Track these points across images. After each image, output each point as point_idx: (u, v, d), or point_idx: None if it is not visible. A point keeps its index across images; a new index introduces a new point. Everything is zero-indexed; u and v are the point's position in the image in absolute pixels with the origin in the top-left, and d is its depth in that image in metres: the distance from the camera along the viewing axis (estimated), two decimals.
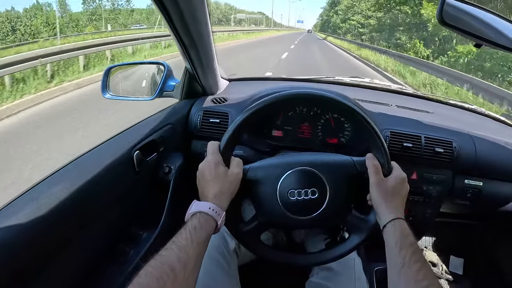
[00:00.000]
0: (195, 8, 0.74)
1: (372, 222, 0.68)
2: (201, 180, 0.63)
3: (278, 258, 0.72)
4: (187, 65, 1.00)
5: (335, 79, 1.49)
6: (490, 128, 1.17)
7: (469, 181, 1.01)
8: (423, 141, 0.95)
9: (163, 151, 0.95)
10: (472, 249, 1.48)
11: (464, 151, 0.97)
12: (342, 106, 0.69)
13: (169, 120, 0.99)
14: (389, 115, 1.03)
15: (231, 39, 19.16)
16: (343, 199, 0.69)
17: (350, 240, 0.70)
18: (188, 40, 0.84)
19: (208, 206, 0.58)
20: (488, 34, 0.73)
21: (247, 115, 0.67)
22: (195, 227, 0.54)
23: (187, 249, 0.50)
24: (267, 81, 1.49)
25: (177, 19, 0.74)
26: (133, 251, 0.83)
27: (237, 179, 0.65)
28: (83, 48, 7.20)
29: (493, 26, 0.73)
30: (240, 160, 0.68)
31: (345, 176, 0.69)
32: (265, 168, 0.70)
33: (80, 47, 7.10)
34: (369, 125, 0.67)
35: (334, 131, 1.00)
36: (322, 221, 0.68)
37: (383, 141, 0.67)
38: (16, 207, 0.56)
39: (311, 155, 0.75)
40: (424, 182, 1.00)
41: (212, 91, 1.15)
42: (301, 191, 0.66)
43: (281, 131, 1.01)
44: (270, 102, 0.68)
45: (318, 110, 0.99)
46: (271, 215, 0.68)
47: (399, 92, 1.45)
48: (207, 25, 0.84)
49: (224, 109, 1.02)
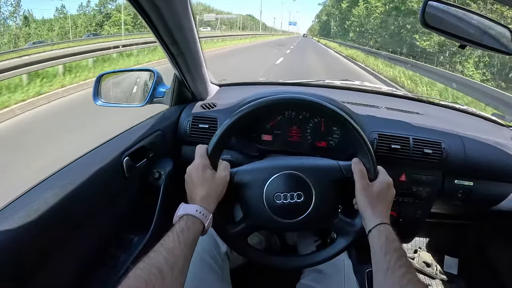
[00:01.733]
0: (179, 16, 0.75)
1: (359, 226, 0.69)
2: (189, 183, 0.65)
3: (265, 261, 0.74)
4: (175, 72, 1.02)
5: (325, 82, 1.51)
6: (481, 128, 1.18)
7: (459, 182, 1.02)
8: (411, 143, 0.96)
9: (153, 157, 0.96)
10: (466, 248, 1.49)
11: (453, 152, 0.98)
12: (328, 111, 0.70)
13: (159, 126, 1.00)
14: (377, 117, 1.04)
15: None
16: (329, 203, 0.70)
17: (337, 243, 0.71)
18: (174, 48, 0.86)
19: (195, 209, 0.59)
20: (472, 35, 0.74)
21: (234, 119, 0.68)
22: (182, 229, 0.55)
23: (175, 251, 0.51)
24: (257, 85, 1.50)
25: (162, 27, 0.76)
26: (124, 255, 0.85)
27: (224, 182, 0.66)
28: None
29: (476, 26, 0.74)
30: (227, 163, 0.69)
31: (331, 180, 0.70)
32: (252, 172, 0.71)
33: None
34: (354, 129, 0.68)
35: (323, 134, 1.01)
36: (308, 224, 0.69)
37: (369, 145, 0.68)
38: (8, 212, 0.57)
39: (297, 159, 0.76)
40: (413, 183, 1.01)
41: (201, 97, 1.16)
42: (287, 195, 0.67)
43: (270, 135, 1.02)
44: (257, 107, 0.69)
45: (306, 114, 1.00)
46: (258, 217, 0.69)
47: (389, 94, 1.46)
48: (193, 32, 0.85)
49: (213, 115, 1.03)
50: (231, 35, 27.45)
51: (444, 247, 1.53)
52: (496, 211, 1.06)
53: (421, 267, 1.45)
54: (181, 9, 0.74)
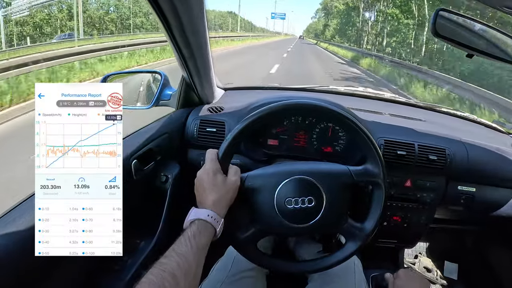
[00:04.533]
0: (196, 21, 0.76)
1: (368, 230, 0.71)
2: (199, 188, 0.65)
3: (275, 266, 0.75)
4: (184, 75, 1.02)
5: (329, 88, 1.53)
6: (482, 134, 1.21)
7: (462, 187, 1.04)
8: (417, 149, 0.98)
9: (160, 160, 0.96)
10: (467, 254, 1.51)
11: (457, 158, 1.00)
12: (339, 117, 0.72)
13: (166, 129, 1.01)
14: (382, 124, 1.06)
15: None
16: (339, 208, 0.71)
17: (346, 248, 0.73)
18: (187, 52, 0.87)
19: (207, 213, 0.60)
20: (480, 45, 0.77)
21: (246, 123, 0.69)
22: (194, 234, 0.56)
23: (187, 256, 0.52)
24: (263, 90, 1.52)
25: (178, 32, 0.76)
26: (130, 260, 0.84)
27: (235, 187, 0.67)
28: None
29: (485, 37, 0.77)
30: (238, 168, 0.70)
31: (341, 185, 0.71)
32: (263, 177, 0.72)
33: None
34: (364, 134, 0.70)
35: (329, 140, 1.03)
36: (318, 228, 0.71)
37: (378, 150, 0.70)
38: (14, 215, 0.57)
39: (308, 164, 0.78)
40: (418, 189, 1.03)
41: (208, 100, 1.17)
42: (298, 200, 0.68)
43: (276, 140, 1.04)
44: (269, 112, 0.70)
45: (313, 119, 1.02)
46: (269, 223, 0.70)
47: (392, 101, 1.49)
48: (205, 36, 0.86)
49: (221, 118, 1.04)
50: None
51: (444, 253, 1.56)
52: (497, 217, 1.08)
53: (421, 272, 1.49)
54: (197, 12, 0.75)
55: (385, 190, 0.73)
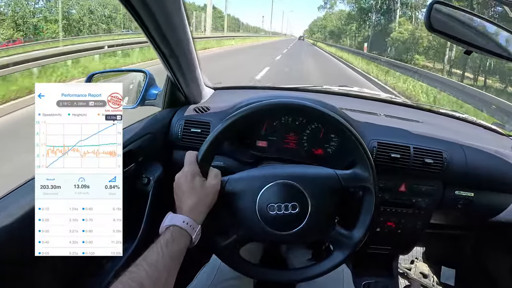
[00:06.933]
0: (171, 14, 0.75)
1: (356, 239, 0.70)
2: (178, 192, 0.65)
3: (259, 275, 0.75)
4: (168, 73, 1.02)
5: (323, 88, 1.55)
6: (482, 137, 1.21)
7: (459, 192, 1.04)
8: (412, 152, 0.98)
9: (142, 161, 0.96)
10: (464, 259, 1.54)
11: (455, 162, 0.99)
12: (326, 117, 0.72)
13: (149, 130, 1.01)
14: (377, 125, 1.06)
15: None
16: (326, 214, 0.71)
17: (333, 257, 0.72)
18: (166, 49, 0.86)
19: (182, 220, 0.60)
20: (478, 40, 0.75)
21: (227, 124, 0.69)
22: (167, 242, 0.56)
23: (158, 265, 0.52)
24: (254, 89, 1.53)
25: (152, 26, 0.76)
26: (110, 263, 0.84)
27: (215, 191, 0.66)
28: None
29: (483, 32, 0.76)
30: (218, 171, 0.69)
31: (328, 190, 0.71)
32: (244, 180, 0.72)
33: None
34: (353, 136, 0.70)
35: (320, 141, 1.02)
36: (303, 236, 0.70)
37: (368, 154, 0.71)
38: (14, 215, 0.58)
39: (293, 167, 0.78)
40: (413, 194, 1.02)
41: (195, 100, 1.17)
42: (281, 205, 0.67)
43: (265, 142, 1.03)
44: (251, 111, 0.70)
45: (303, 120, 1.02)
46: (250, 229, 0.70)
47: (388, 101, 1.50)
48: (186, 32, 0.86)
49: (206, 119, 1.04)
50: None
51: (441, 258, 1.59)
52: (496, 222, 1.08)
53: (418, 278, 1.53)
54: (172, 7, 0.74)
55: (376, 195, 0.72)
